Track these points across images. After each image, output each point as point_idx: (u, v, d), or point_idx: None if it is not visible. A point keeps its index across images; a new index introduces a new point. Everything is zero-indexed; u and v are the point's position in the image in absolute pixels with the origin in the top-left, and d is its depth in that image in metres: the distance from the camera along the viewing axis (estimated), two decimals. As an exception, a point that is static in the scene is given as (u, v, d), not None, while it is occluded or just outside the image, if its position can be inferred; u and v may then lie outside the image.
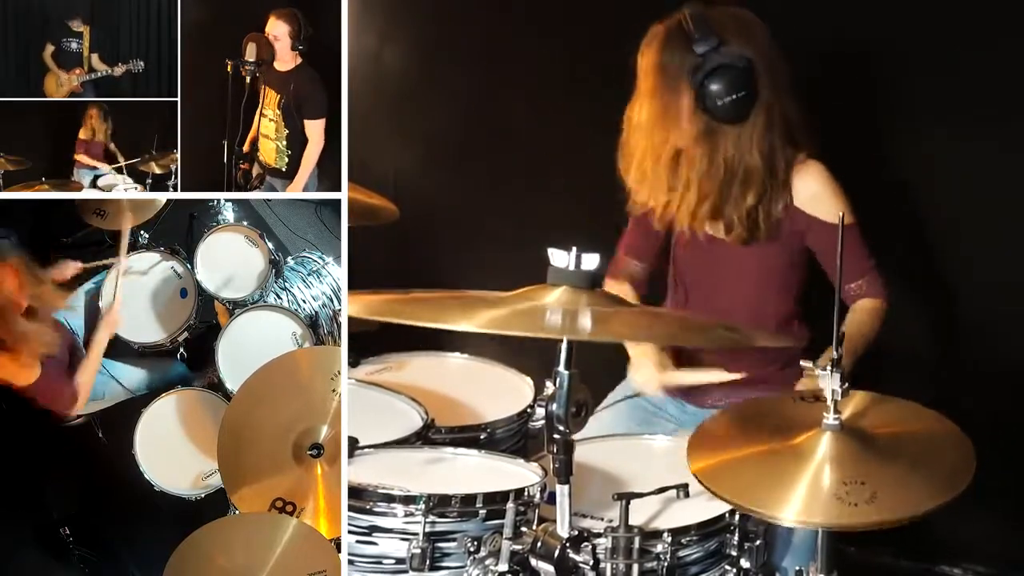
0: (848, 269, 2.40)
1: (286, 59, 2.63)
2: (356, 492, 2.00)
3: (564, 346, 1.85)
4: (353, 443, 2.17)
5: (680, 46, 2.38)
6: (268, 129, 2.66)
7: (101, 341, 2.73)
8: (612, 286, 2.63)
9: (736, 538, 2.08)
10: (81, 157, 2.62)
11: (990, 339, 2.84)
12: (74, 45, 2.54)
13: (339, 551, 2.09)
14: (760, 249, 2.50)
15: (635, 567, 1.95)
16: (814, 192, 2.46)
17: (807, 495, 1.79)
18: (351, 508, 2.00)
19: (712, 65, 2.34)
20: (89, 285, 2.87)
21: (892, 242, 2.61)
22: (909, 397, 2.04)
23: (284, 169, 2.65)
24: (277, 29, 2.61)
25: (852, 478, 1.81)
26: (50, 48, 2.55)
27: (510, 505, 1.98)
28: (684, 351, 2.61)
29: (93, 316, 2.85)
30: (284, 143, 2.64)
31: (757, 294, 2.55)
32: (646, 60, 2.44)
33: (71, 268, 2.84)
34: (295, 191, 2.65)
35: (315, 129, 2.61)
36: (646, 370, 2.52)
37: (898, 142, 2.86)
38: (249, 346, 2.83)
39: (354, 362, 2.65)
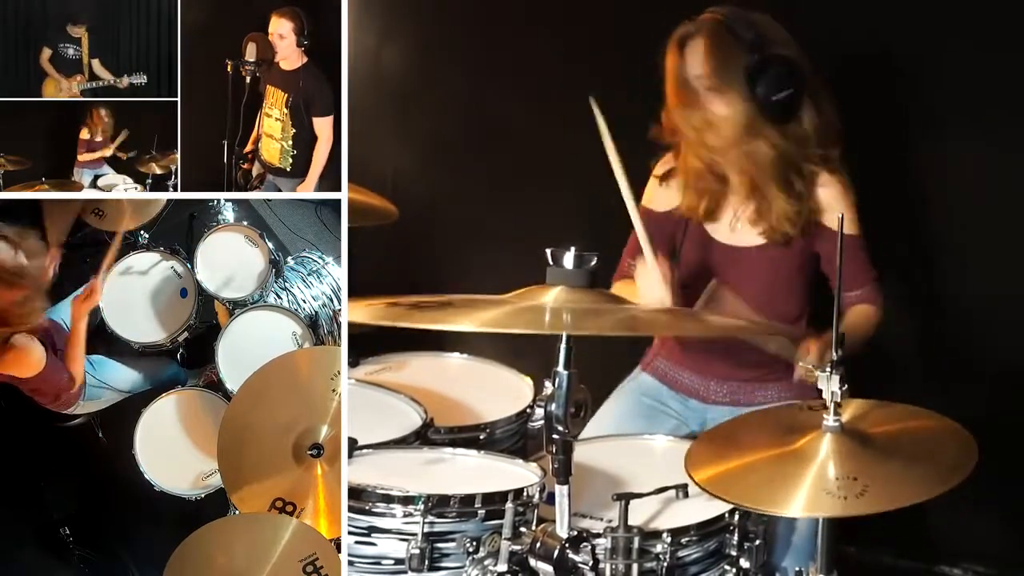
0: (850, 278, 2.42)
1: (291, 57, 2.63)
2: (355, 492, 2.00)
3: (563, 346, 1.85)
4: (353, 443, 2.17)
5: (729, 46, 2.38)
6: (273, 129, 2.65)
7: (78, 317, 2.69)
8: (619, 287, 2.62)
9: (736, 538, 2.08)
10: (84, 156, 2.62)
11: (990, 340, 2.84)
12: (71, 51, 2.54)
13: (339, 551, 2.09)
14: (769, 253, 2.50)
15: (634, 567, 1.95)
16: (828, 198, 2.47)
17: (809, 496, 1.80)
18: (350, 508, 2.00)
19: (765, 63, 2.35)
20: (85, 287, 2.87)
21: (897, 243, 2.62)
22: (909, 399, 2.05)
23: (288, 169, 2.65)
24: (281, 28, 2.60)
25: (845, 474, 1.82)
26: (47, 52, 2.54)
27: (509, 505, 1.97)
28: (690, 344, 2.61)
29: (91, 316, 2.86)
30: (290, 143, 2.64)
31: (764, 297, 2.54)
32: (701, 65, 2.40)
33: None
34: (307, 190, 2.65)
35: (324, 126, 2.61)
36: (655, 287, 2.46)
37: (906, 145, 2.86)
38: (249, 346, 2.83)
39: (354, 362, 2.65)
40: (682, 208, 2.55)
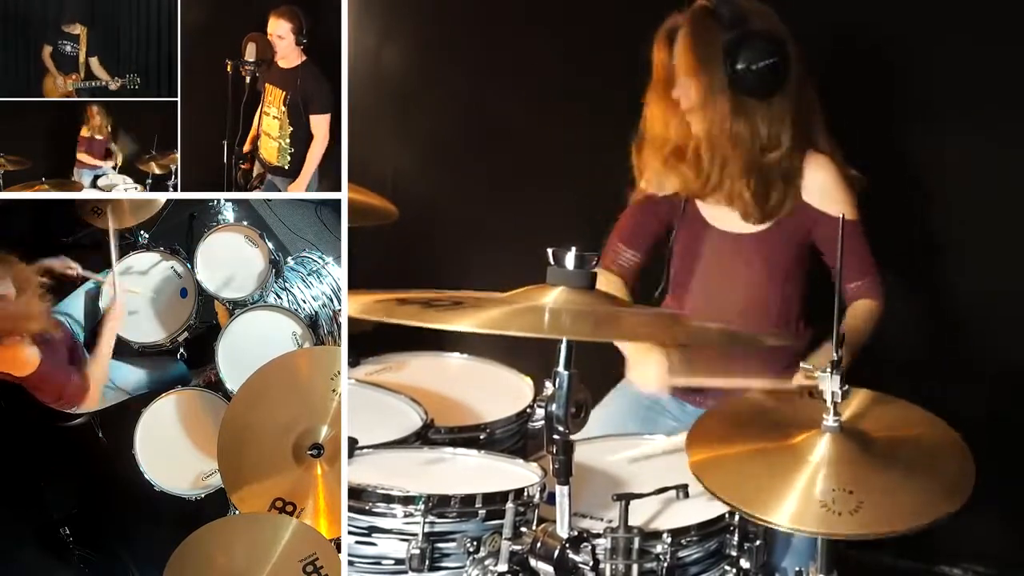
0: (851, 268, 2.41)
1: (290, 56, 2.63)
2: (355, 492, 2.00)
3: (564, 346, 1.85)
4: (353, 443, 2.17)
5: (709, 27, 2.42)
6: (271, 127, 2.65)
7: (111, 330, 2.70)
8: (602, 280, 2.63)
9: (736, 538, 2.08)
10: (83, 156, 2.62)
11: (990, 339, 2.84)
12: (68, 48, 2.53)
13: (339, 551, 2.09)
14: (765, 241, 2.50)
15: (635, 567, 1.95)
16: (822, 186, 2.47)
17: (800, 500, 1.80)
18: (350, 508, 2.00)
19: (742, 35, 2.38)
20: (89, 285, 2.87)
21: (894, 240, 2.62)
22: (909, 398, 2.05)
23: (287, 167, 2.65)
24: (280, 28, 2.60)
25: (841, 485, 1.81)
26: (48, 49, 2.55)
27: (509, 505, 1.97)
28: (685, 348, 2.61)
29: (93, 316, 2.85)
30: (287, 141, 2.64)
31: (759, 287, 2.55)
32: (680, 48, 2.45)
33: (65, 262, 2.81)
34: (299, 189, 2.65)
35: (321, 124, 2.61)
36: (648, 369, 2.50)
37: (904, 140, 2.86)
38: (249, 346, 2.83)
39: (354, 362, 2.65)
40: (677, 189, 2.57)
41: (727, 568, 2.09)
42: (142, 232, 3.03)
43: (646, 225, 2.66)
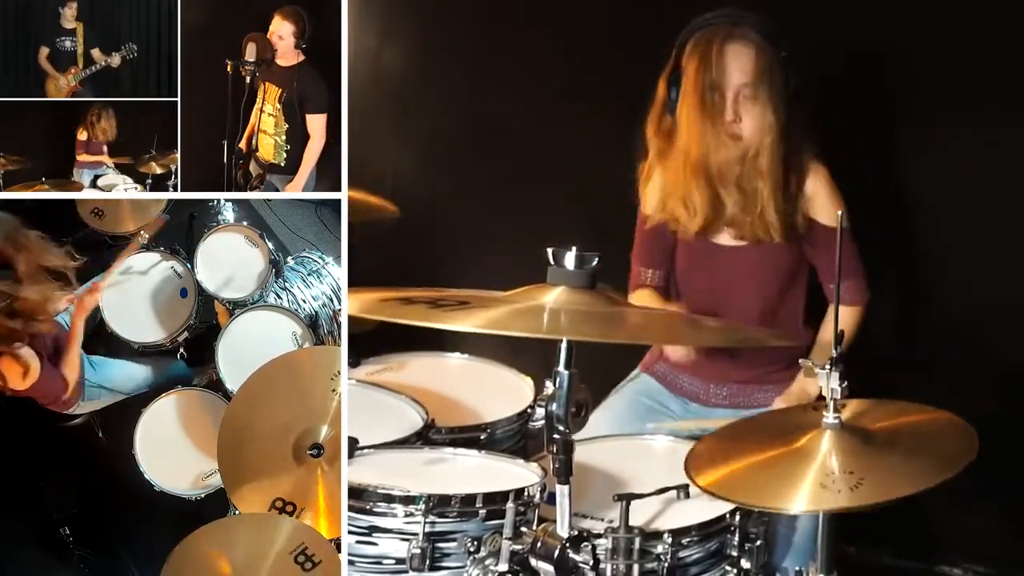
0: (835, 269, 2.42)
1: (288, 56, 2.63)
2: (356, 492, 2.00)
3: (564, 346, 1.85)
4: (353, 443, 2.17)
5: (767, 53, 2.43)
6: (267, 124, 2.66)
7: (77, 324, 2.65)
8: (636, 296, 2.63)
9: (736, 538, 2.09)
10: (83, 157, 2.62)
11: (989, 339, 2.84)
12: (68, 43, 2.53)
13: (339, 551, 2.09)
14: (764, 250, 2.50)
15: (635, 567, 1.95)
16: (814, 192, 2.47)
17: (811, 490, 1.81)
18: (351, 508, 2.00)
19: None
20: (88, 285, 2.86)
21: (896, 244, 2.62)
22: (910, 398, 2.05)
23: (283, 164, 2.65)
24: (282, 29, 2.61)
25: (842, 468, 1.82)
26: (45, 51, 2.54)
27: (510, 505, 1.98)
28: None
29: (92, 318, 2.85)
30: (283, 138, 2.64)
31: (761, 295, 2.55)
32: (736, 75, 2.42)
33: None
34: (296, 188, 2.65)
35: (317, 124, 2.61)
36: None
37: (906, 145, 2.86)
38: (249, 346, 2.83)
39: (354, 362, 2.65)
40: (668, 221, 2.56)
41: (728, 568, 2.09)
42: (142, 232, 3.03)
43: (661, 246, 2.65)
